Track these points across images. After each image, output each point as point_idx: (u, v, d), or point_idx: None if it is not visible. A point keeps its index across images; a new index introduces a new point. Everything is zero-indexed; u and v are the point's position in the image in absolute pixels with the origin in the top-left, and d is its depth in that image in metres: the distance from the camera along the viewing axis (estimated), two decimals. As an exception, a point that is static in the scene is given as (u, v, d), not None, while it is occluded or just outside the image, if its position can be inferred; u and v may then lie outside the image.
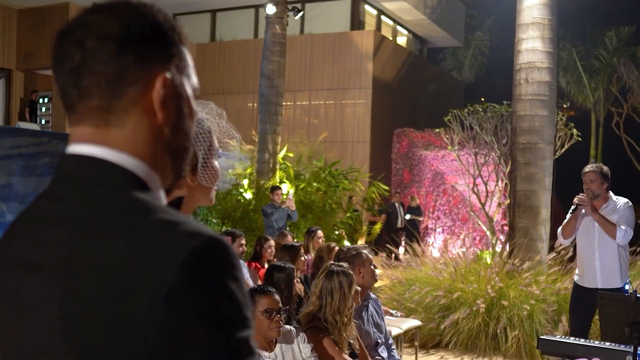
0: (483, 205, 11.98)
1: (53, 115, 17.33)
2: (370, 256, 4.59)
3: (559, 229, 6.07)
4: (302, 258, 6.12)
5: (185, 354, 0.92)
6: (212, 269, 0.95)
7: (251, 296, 3.60)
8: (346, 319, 3.88)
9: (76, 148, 1.06)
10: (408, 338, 7.49)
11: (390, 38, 21.75)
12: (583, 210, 5.79)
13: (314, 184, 13.54)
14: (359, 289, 4.08)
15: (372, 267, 4.51)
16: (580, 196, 5.70)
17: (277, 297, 3.62)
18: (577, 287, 5.98)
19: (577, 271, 6.02)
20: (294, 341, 3.66)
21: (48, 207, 1.07)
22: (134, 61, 1.03)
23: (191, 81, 1.13)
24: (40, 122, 17.30)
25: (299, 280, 5.85)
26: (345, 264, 4.08)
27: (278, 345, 3.62)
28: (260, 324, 3.52)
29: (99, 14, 1.05)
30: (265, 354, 3.53)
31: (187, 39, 1.13)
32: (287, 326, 3.78)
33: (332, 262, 4.15)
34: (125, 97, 1.04)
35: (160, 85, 1.05)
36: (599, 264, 5.72)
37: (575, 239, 6.00)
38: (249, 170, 13.44)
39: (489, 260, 8.92)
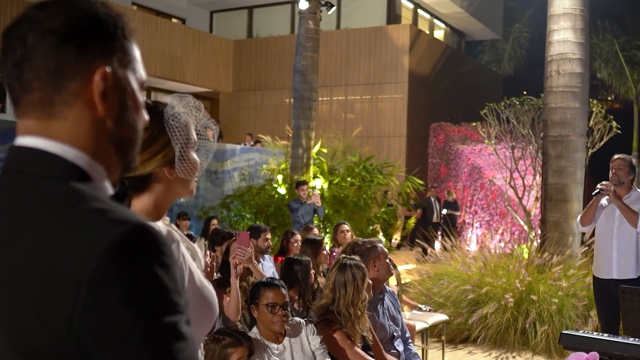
0: (520, 199, 11.85)
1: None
2: (386, 250, 4.59)
3: (579, 216, 6.04)
4: (325, 252, 6.14)
5: (109, 339, 0.94)
6: (137, 255, 0.96)
7: (258, 289, 3.63)
8: (359, 312, 3.88)
9: (21, 140, 1.09)
10: (436, 332, 7.46)
11: (427, 32, 21.61)
12: (605, 200, 5.75)
13: (348, 179, 13.55)
14: (371, 282, 4.08)
15: (387, 260, 4.51)
16: (604, 183, 5.66)
17: (283, 291, 3.64)
18: (595, 280, 5.94)
19: (594, 263, 5.96)
20: (302, 332, 3.68)
21: None
22: (74, 56, 1.06)
23: (137, 75, 1.16)
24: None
25: (321, 273, 5.87)
26: (357, 257, 4.08)
27: (286, 337, 3.65)
28: (264, 317, 3.56)
29: (42, 10, 1.08)
30: (273, 345, 3.56)
31: (132, 33, 1.15)
32: (296, 318, 3.80)
33: (344, 255, 4.16)
34: (66, 91, 1.07)
35: (100, 78, 1.08)
36: (616, 254, 5.68)
37: (594, 227, 5.97)
38: (282, 166, 13.51)
39: (526, 255, 8.81)
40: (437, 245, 12.46)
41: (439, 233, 14.76)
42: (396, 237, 15.18)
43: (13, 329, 0.98)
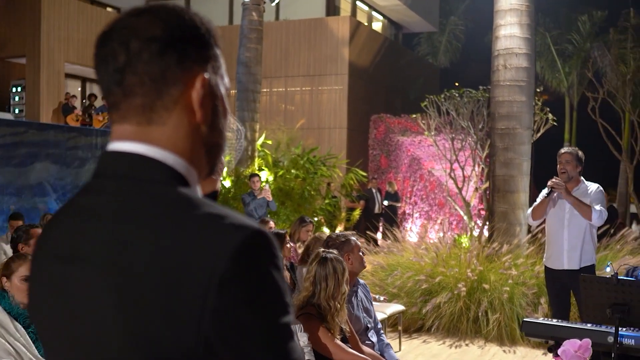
0: (460, 190, 12.10)
1: (27, 105, 17.12)
2: (359, 243, 4.64)
3: (529, 210, 6.20)
4: (288, 245, 6.16)
5: (235, 338, 0.98)
6: (259, 259, 1.01)
7: None
8: (339, 305, 3.93)
9: (119, 145, 1.10)
10: (391, 322, 7.58)
11: (366, 24, 21.76)
12: (555, 194, 5.90)
13: (293, 170, 13.58)
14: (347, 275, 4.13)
15: (361, 253, 4.57)
16: (555, 179, 5.80)
17: None
18: (547, 270, 6.11)
19: (545, 253, 6.15)
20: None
21: (89, 201, 1.11)
22: (176, 62, 1.08)
23: (224, 81, 1.19)
24: (14, 111, 17.07)
25: (285, 267, 5.89)
26: (335, 251, 4.12)
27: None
28: None
29: (141, 17, 1.10)
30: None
31: (220, 41, 1.18)
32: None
33: (322, 248, 4.19)
34: (167, 96, 1.09)
35: (200, 85, 1.10)
36: (567, 245, 5.85)
37: (544, 220, 6.14)
38: (227, 158, 13.42)
39: (466, 245, 9.04)
40: (379, 235, 12.63)
41: (380, 224, 14.97)
42: (340, 229, 15.28)
43: (136, 332, 1.00)
